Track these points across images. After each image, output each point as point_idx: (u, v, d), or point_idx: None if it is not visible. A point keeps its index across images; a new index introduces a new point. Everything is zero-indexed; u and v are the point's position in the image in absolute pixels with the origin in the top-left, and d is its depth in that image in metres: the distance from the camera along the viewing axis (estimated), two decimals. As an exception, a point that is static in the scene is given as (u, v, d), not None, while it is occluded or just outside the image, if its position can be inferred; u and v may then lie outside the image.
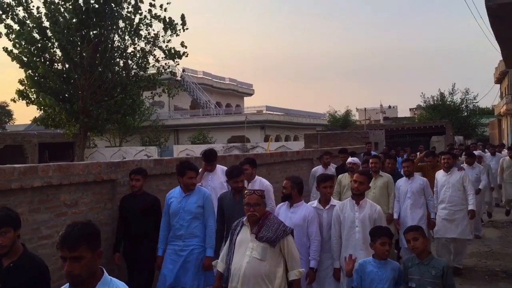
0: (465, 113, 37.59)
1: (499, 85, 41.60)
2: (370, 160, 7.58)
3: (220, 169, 6.38)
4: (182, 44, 19.46)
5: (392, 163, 8.08)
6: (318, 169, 9.65)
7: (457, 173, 7.54)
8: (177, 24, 19.17)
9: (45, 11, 17.48)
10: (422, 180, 7.31)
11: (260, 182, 6.11)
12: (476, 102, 38.65)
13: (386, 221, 6.14)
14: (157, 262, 5.34)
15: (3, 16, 17.37)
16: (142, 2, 18.83)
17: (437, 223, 7.36)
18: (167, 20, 19.02)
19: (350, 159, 8.24)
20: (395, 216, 7.19)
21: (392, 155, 8.49)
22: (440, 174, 7.72)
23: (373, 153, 12.16)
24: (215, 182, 6.32)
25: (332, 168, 9.66)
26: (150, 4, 18.84)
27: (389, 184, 7.28)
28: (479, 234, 10.19)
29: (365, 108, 47.83)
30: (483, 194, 10.83)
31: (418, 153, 13.53)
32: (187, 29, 19.36)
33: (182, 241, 5.25)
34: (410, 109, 68.26)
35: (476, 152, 12.08)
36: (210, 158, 6.37)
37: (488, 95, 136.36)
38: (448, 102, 36.84)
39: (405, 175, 7.39)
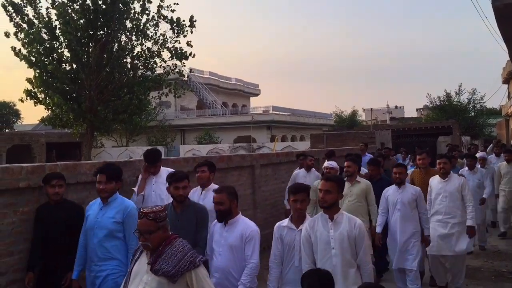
0: (472, 114, 37.42)
1: (506, 85, 41.32)
2: (345, 163, 6.65)
3: (166, 172, 5.30)
4: (188, 44, 19.48)
5: (373, 169, 7.22)
6: (300, 173, 8.80)
7: (456, 180, 6.53)
8: (184, 24, 19.22)
9: (54, 11, 17.60)
10: (415, 190, 6.25)
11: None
12: (483, 102, 38.46)
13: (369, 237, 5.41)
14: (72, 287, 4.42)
15: (14, 15, 17.54)
16: (151, 2, 18.88)
17: (431, 237, 6.31)
18: (175, 20, 19.07)
19: (326, 163, 6.90)
20: (378, 229, 6.31)
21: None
22: (435, 181, 6.66)
23: (367, 155, 11.22)
24: (161, 187, 5.30)
25: (315, 172, 8.79)
26: (159, 5, 18.90)
27: (367, 191, 6.48)
28: (484, 245, 9.17)
29: (372, 109, 47.67)
30: (488, 202, 9.65)
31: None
32: (194, 30, 19.42)
33: (95, 265, 4.34)
34: (417, 110, 67.90)
35: (478, 155, 10.42)
36: (152, 159, 5.45)
37: (495, 96, 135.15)
38: (455, 103, 36.69)
39: (395, 183, 6.30)
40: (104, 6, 17.77)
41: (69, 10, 17.77)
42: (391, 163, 10.47)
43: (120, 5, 18.08)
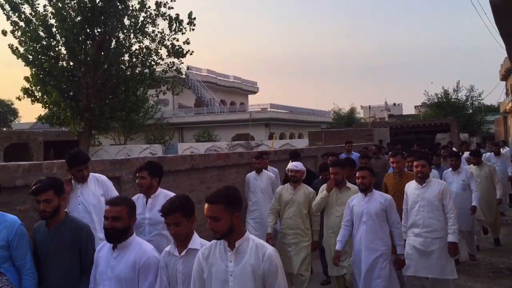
0: (470, 111, 37.48)
1: (504, 82, 41.34)
2: (330, 169, 5.79)
3: (94, 178, 4.57)
4: (186, 42, 19.46)
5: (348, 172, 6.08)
6: (251, 176, 7.62)
7: (435, 186, 5.49)
8: (182, 21, 19.18)
9: (51, 9, 17.56)
10: (385, 198, 5.17)
11: (165, 197, 3.76)
12: (481, 99, 38.55)
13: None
14: None
15: (11, 13, 17.50)
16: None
17: (407, 255, 5.36)
18: (173, 17, 19.04)
19: (291, 165, 6.11)
20: (338, 246, 5.28)
21: (339, 162, 6.08)
22: (411, 187, 5.66)
23: (354, 154, 10.78)
24: (89, 196, 4.45)
25: (267, 173, 7.55)
26: (156, 3, 18.86)
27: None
28: (474, 255, 8.20)
29: (370, 106, 47.68)
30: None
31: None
32: (193, 29, 19.39)
33: None
34: (415, 107, 67.96)
35: (466, 155, 9.74)
36: (76, 162, 4.39)
37: (493, 93, 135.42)
38: (452, 100, 36.75)
39: (360, 190, 5.24)
40: (101, 4, 17.74)
41: (66, 8, 17.74)
42: (381, 163, 9.98)
43: (117, 2, 18.04)
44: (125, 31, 18.80)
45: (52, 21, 17.71)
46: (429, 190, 5.50)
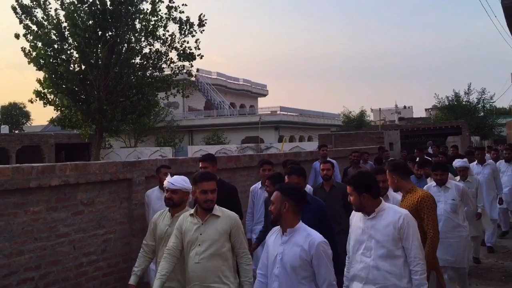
0: (482, 113, 37.23)
1: (516, 85, 40.97)
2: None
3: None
4: (198, 47, 19.54)
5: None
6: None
7: (390, 215, 3.48)
8: (193, 23, 19.25)
9: (63, 13, 17.72)
10: (310, 240, 3.25)
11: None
12: (493, 102, 38.30)
13: None
14: None
15: (23, 17, 17.70)
16: (162, 1, 18.91)
17: None
18: (183, 21, 19.10)
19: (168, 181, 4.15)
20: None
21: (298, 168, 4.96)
22: (356, 218, 3.70)
23: (330, 160, 8.38)
24: None
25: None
26: (167, 6, 18.94)
27: None
28: (479, 257, 7.90)
29: (380, 109, 47.55)
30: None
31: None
32: (203, 30, 19.47)
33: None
34: (426, 110, 67.67)
35: (457, 163, 7.71)
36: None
37: (505, 95, 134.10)
38: (464, 102, 36.55)
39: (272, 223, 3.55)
40: (112, 7, 17.87)
41: (78, 12, 17.88)
42: None
43: (128, 6, 18.16)
44: (136, 34, 18.91)
45: (64, 25, 17.86)
46: (381, 222, 3.49)
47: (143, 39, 19.02)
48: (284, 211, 3.24)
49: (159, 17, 18.94)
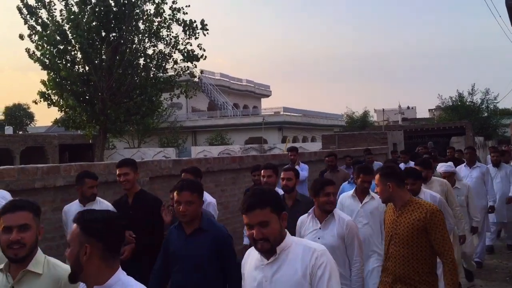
0: (486, 114, 37.11)
1: (520, 85, 40.93)
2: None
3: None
4: (202, 49, 19.59)
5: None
6: None
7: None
8: (196, 26, 19.30)
9: (66, 14, 17.78)
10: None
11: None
12: (497, 102, 38.17)
13: None
14: None
15: (28, 17, 17.78)
16: (166, 3, 18.96)
17: None
18: (187, 23, 19.15)
19: None
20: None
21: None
22: (249, 262, 2.67)
23: (302, 165, 8.63)
24: None
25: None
26: (171, 7, 18.99)
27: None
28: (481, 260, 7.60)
29: (383, 109, 47.47)
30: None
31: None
32: (207, 33, 19.53)
33: None
34: (429, 110, 67.48)
35: (442, 168, 6.36)
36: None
37: (509, 96, 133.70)
38: (467, 103, 36.44)
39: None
40: (116, 9, 17.92)
41: (81, 13, 17.94)
42: (339, 177, 7.70)
43: (132, 7, 18.21)
44: (139, 35, 18.96)
45: (67, 26, 17.93)
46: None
47: (146, 40, 19.08)
48: None
49: (163, 18, 19.00)
